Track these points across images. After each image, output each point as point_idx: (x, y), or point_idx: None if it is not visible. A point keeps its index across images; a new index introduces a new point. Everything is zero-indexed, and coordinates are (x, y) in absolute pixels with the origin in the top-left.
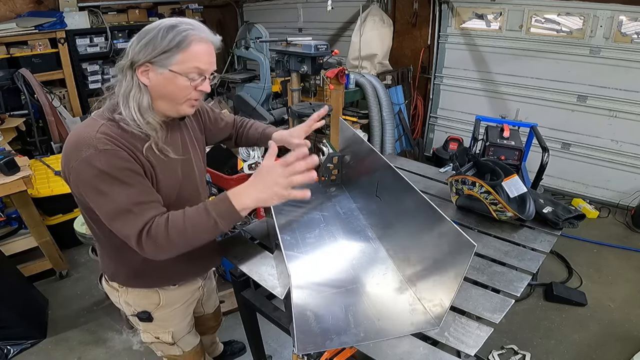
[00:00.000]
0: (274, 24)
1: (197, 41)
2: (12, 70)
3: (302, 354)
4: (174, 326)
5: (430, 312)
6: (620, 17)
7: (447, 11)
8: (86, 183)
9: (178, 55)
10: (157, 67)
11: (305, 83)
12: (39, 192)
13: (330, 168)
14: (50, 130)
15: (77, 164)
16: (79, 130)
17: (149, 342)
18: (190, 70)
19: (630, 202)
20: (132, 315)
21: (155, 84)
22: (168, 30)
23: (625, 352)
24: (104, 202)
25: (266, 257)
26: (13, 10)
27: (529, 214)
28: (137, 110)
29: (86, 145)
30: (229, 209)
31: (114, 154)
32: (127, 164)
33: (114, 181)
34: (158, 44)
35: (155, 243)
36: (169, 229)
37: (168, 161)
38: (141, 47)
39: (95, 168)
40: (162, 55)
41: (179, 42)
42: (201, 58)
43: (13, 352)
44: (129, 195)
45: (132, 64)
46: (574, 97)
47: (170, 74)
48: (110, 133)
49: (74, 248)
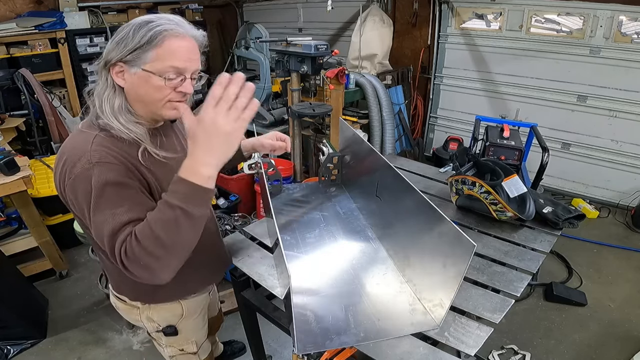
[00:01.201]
0: (274, 24)
1: (172, 37)
2: (12, 70)
3: (302, 354)
4: (196, 334)
5: (430, 312)
6: (620, 17)
7: (447, 11)
8: (79, 200)
9: (150, 52)
10: (130, 66)
11: (305, 83)
12: (39, 192)
13: (330, 168)
14: (50, 130)
15: (71, 180)
16: (72, 144)
17: (172, 355)
18: (165, 69)
19: (630, 202)
20: (157, 332)
21: (130, 85)
22: (140, 27)
23: (625, 352)
24: (93, 221)
25: (266, 257)
26: (13, 10)
27: (529, 214)
28: (111, 113)
29: (80, 160)
30: (189, 188)
31: (109, 168)
32: (121, 178)
33: (104, 199)
34: (130, 41)
35: (138, 264)
36: (142, 243)
37: (170, 167)
38: (113, 46)
39: (89, 184)
40: (134, 52)
41: (151, 38)
42: (178, 55)
43: (13, 352)
44: (114, 214)
45: (105, 63)
46: (574, 97)
47: (144, 74)
48: (105, 144)
49: (74, 248)
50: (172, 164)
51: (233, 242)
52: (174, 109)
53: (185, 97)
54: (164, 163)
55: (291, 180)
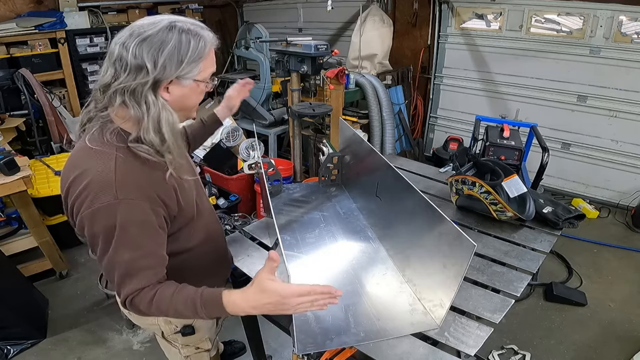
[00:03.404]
0: (274, 24)
1: (211, 43)
2: (12, 70)
3: (302, 354)
4: (208, 331)
5: (430, 312)
6: (620, 17)
7: (447, 11)
8: (95, 232)
9: (202, 63)
10: (182, 79)
11: (305, 83)
12: (39, 192)
13: (330, 168)
14: (50, 130)
15: (91, 211)
16: (92, 165)
17: (187, 355)
18: (208, 75)
19: (630, 202)
20: (174, 334)
21: (178, 98)
22: (187, 36)
23: (625, 352)
24: (106, 257)
25: (266, 257)
26: (13, 10)
27: (529, 214)
28: (171, 135)
29: (104, 191)
30: (219, 312)
31: (135, 206)
32: (145, 217)
33: (124, 240)
34: (184, 53)
35: (136, 310)
36: (153, 305)
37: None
38: (164, 61)
39: (111, 221)
40: (190, 65)
41: (202, 49)
42: (213, 62)
43: (13, 352)
44: (133, 258)
45: (155, 82)
46: (574, 97)
47: (195, 84)
48: (130, 172)
49: (74, 248)
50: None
51: (233, 242)
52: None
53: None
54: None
55: (291, 180)
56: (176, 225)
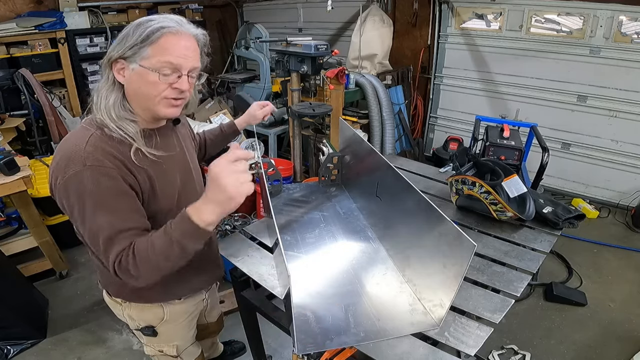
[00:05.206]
0: (274, 24)
1: (169, 34)
2: (12, 70)
3: (302, 354)
4: (179, 340)
5: (430, 312)
6: (620, 17)
7: (447, 11)
8: (71, 202)
9: (147, 48)
10: (129, 62)
11: (305, 83)
12: (39, 192)
13: (330, 168)
14: (50, 130)
15: (64, 181)
16: (68, 143)
17: (151, 354)
18: (161, 65)
19: (630, 202)
20: (136, 330)
21: (128, 82)
22: (140, 25)
23: (625, 352)
24: (86, 225)
25: (266, 257)
26: (13, 10)
27: (529, 214)
28: (104, 108)
29: (74, 161)
30: (191, 228)
31: (102, 172)
32: (115, 182)
33: (98, 204)
34: (129, 38)
35: (128, 274)
36: (137, 261)
37: (166, 169)
38: (116, 43)
39: (82, 187)
40: (133, 49)
41: (148, 35)
42: (173, 51)
43: (13, 352)
44: (111, 222)
45: (108, 60)
46: (574, 97)
47: (141, 70)
48: (99, 143)
49: (74, 248)
50: (167, 164)
51: (233, 242)
52: (171, 107)
53: (183, 95)
54: (157, 162)
55: (291, 180)
56: (150, 210)
